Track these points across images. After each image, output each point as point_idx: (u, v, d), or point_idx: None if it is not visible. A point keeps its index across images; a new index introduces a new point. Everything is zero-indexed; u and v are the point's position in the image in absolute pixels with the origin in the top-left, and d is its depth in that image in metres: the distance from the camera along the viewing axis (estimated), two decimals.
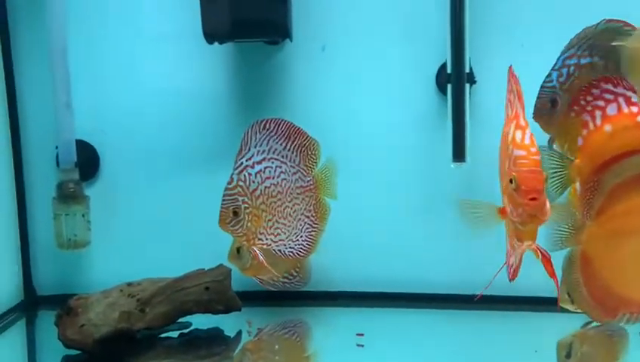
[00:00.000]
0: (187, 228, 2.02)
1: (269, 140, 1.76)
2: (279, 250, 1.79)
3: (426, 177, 1.98)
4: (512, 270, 1.36)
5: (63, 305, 1.74)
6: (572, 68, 1.58)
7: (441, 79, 1.94)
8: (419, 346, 1.80)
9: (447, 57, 1.88)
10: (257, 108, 2.01)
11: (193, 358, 1.75)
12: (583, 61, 1.57)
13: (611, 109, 1.45)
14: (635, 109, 1.45)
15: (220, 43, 1.89)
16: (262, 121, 1.75)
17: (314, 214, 1.87)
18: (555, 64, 1.62)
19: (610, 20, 1.59)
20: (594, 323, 1.67)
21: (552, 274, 1.31)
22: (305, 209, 1.85)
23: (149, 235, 2.07)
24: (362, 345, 1.73)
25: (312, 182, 1.87)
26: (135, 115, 2.05)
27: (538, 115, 1.62)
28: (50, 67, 1.96)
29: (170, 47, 2.01)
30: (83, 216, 2.02)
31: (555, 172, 1.50)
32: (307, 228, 1.85)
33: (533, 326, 1.91)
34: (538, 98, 1.62)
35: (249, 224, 1.71)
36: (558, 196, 1.50)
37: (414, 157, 2.00)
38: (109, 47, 2.04)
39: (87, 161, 2.07)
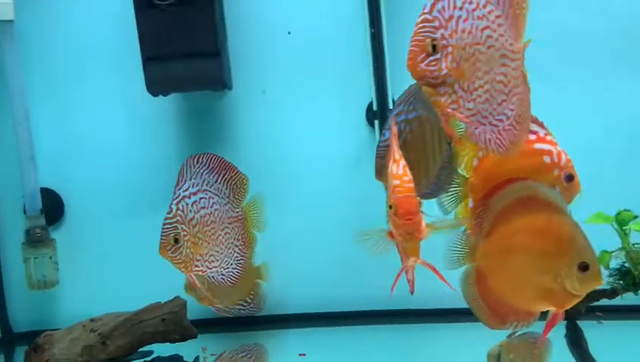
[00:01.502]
0: (146, 264, 2.14)
1: (202, 173, 1.87)
2: (212, 277, 1.87)
3: (360, 203, 2.11)
4: (411, 284, 1.47)
5: (31, 342, 1.89)
6: (402, 124, 1.62)
7: (370, 115, 2.11)
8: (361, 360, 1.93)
9: (372, 96, 2.06)
10: (205, 150, 2.08)
11: None
12: (411, 116, 1.61)
13: None
14: (532, 137, 1.57)
15: (164, 95, 2.07)
16: (196, 156, 1.87)
17: (242, 244, 1.96)
18: (386, 124, 1.67)
19: None
20: (518, 333, 1.77)
21: (443, 278, 1.44)
22: (234, 238, 1.93)
23: (112, 272, 2.23)
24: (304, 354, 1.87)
25: (241, 214, 1.96)
26: (94, 164, 2.22)
27: (379, 175, 1.64)
28: (14, 125, 2.14)
29: (122, 101, 2.19)
30: (50, 258, 2.19)
31: (452, 188, 1.65)
32: (236, 257, 1.94)
33: (462, 337, 2.03)
34: (377, 158, 1.65)
35: (187, 251, 1.80)
36: (453, 209, 1.65)
37: (350, 186, 2.14)
38: (67, 105, 2.21)
39: (53, 207, 2.23)
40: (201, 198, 1.85)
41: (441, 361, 1.90)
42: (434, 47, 1.25)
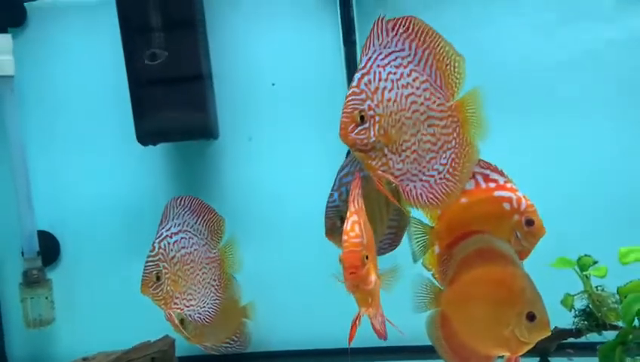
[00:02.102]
0: (136, 303, 2.13)
1: (183, 214, 1.93)
2: (189, 315, 1.91)
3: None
4: (378, 332, 1.52)
5: None
6: (349, 185, 1.64)
7: None
8: None
9: None
10: (193, 194, 2.16)
11: None
12: (345, 181, 1.66)
13: (469, 185, 1.67)
14: (492, 185, 1.68)
15: (154, 145, 2.19)
16: (179, 198, 1.94)
17: (218, 284, 2.00)
18: (334, 185, 1.70)
19: None
20: None
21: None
22: (211, 278, 1.98)
23: (105, 310, 2.34)
24: None
25: (217, 255, 2.02)
26: (89, 208, 2.34)
27: (330, 234, 1.70)
28: (12, 173, 2.26)
29: (114, 150, 2.30)
30: (46, 297, 2.29)
31: (418, 236, 1.74)
32: (212, 297, 1.97)
33: None
34: (326, 218, 1.70)
35: (168, 288, 1.85)
36: (422, 256, 1.73)
37: None
38: (63, 154, 2.34)
39: (49, 248, 2.35)
40: (181, 238, 1.91)
41: None
42: (362, 117, 1.38)
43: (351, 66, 2.15)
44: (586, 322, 1.91)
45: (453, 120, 1.50)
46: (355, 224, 1.39)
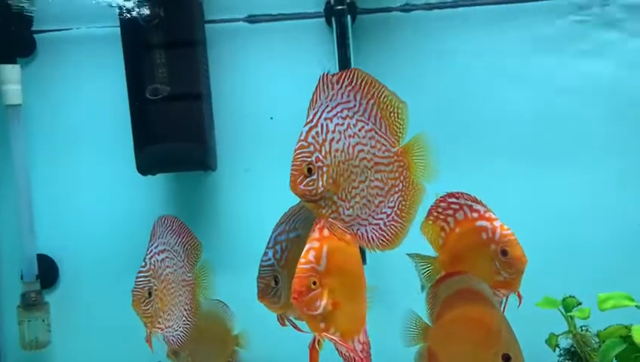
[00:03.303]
0: (132, 329, 2.14)
1: (166, 234, 1.93)
2: (165, 336, 1.87)
3: None
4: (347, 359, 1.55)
5: None
6: (284, 243, 1.69)
7: None
8: None
9: None
10: (190, 224, 2.19)
11: None
12: (292, 235, 1.70)
13: (459, 215, 1.76)
14: (475, 215, 1.75)
15: (153, 175, 2.25)
16: (163, 217, 1.94)
17: (190, 308, 1.97)
18: (269, 242, 1.72)
19: None
20: None
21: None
22: (185, 302, 1.95)
23: (101, 334, 2.37)
24: None
25: (192, 279, 2.00)
26: (89, 234, 2.39)
27: (262, 295, 1.69)
28: (16, 199, 2.33)
29: (114, 179, 2.36)
30: (43, 320, 2.34)
31: (425, 267, 1.82)
32: (184, 321, 1.94)
33: None
34: (260, 279, 1.69)
35: (156, 306, 1.81)
36: (429, 285, 1.79)
37: None
38: (65, 181, 2.40)
39: (48, 272, 2.40)
40: (166, 257, 1.90)
41: None
42: (309, 169, 1.45)
43: None
44: (570, 361, 1.96)
45: (399, 164, 1.57)
46: (310, 250, 1.44)
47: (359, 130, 1.51)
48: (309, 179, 1.44)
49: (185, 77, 2.16)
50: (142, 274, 1.82)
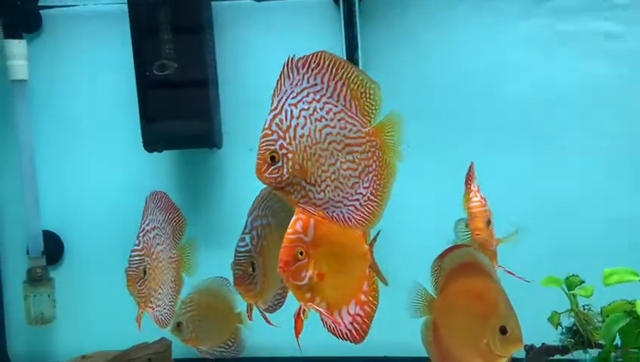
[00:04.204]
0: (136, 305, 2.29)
1: (156, 211, 1.90)
2: (154, 315, 1.82)
3: None
4: (343, 334, 1.57)
5: None
6: (259, 229, 1.67)
7: None
8: None
9: None
10: (194, 201, 2.34)
11: None
12: (266, 221, 1.69)
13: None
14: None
15: (159, 152, 2.26)
16: (155, 193, 1.91)
17: (174, 286, 1.94)
18: (245, 227, 1.68)
19: None
20: None
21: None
22: (170, 280, 1.92)
23: (104, 310, 2.39)
24: None
25: (177, 256, 1.97)
26: (93, 210, 2.41)
27: (239, 283, 1.66)
28: (21, 175, 2.33)
29: (120, 155, 2.37)
30: (49, 296, 2.36)
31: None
32: (169, 298, 1.92)
33: None
34: (237, 265, 1.66)
35: (150, 285, 1.78)
36: None
37: None
38: (70, 157, 2.41)
39: (53, 248, 2.42)
40: (157, 234, 1.86)
41: None
42: (272, 157, 1.43)
43: None
44: (572, 340, 1.97)
45: (371, 144, 1.56)
46: (297, 221, 1.45)
47: (327, 113, 1.50)
48: (273, 167, 1.43)
49: (191, 55, 2.16)
50: (136, 253, 1.77)
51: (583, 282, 1.89)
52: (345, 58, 2.21)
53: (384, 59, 2.29)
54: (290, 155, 1.43)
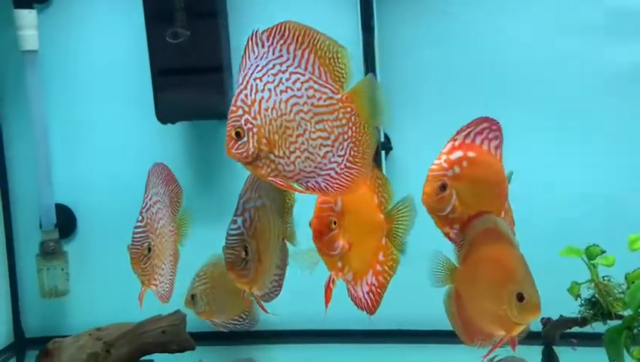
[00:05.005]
0: None
1: (157, 183, 1.86)
2: (156, 291, 1.79)
3: None
4: (361, 302, 1.59)
5: (42, 348, 2.04)
6: (252, 211, 1.67)
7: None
8: None
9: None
10: (207, 173, 2.32)
11: None
12: (259, 203, 1.68)
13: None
14: None
15: (173, 123, 2.24)
16: (156, 164, 1.87)
17: (172, 260, 1.90)
18: (237, 209, 1.67)
19: None
20: (497, 357, 1.86)
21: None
22: (169, 254, 1.88)
23: (118, 284, 2.30)
24: None
25: (175, 228, 1.93)
26: (106, 183, 2.39)
27: (232, 267, 1.64)
28: (34, 146, 2.33)
29: (133, 127, 2.35)
30: (62, 269, 2.35)
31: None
32: (169, 272, 1.89)
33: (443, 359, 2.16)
34: (229, 248, 1.63)
35: (154, 262, 1.73)
36: None
37: None
38: (83, 129, 2.39)
39: (66, 222, 2.41)
40: (158, 209, 1.80)
41: None
42: (237, 133, 1.44)
43: (368, 53, 2.19)
44: (591, 311, 1.95)
45: (345, 111, 1.53)
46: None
47: (293, 84, 1.48)
48: (239, 143, 1.44)
49: (205, 23, 2.14)
50: (139, 230, 1.71)
51: (604, 252, 1.87)
52: (361, 37, 2.22)
53: (400, 33, 2.24)
54: (255, 130, 1.43)
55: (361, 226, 1.60)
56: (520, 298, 1.54)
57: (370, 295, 1.60)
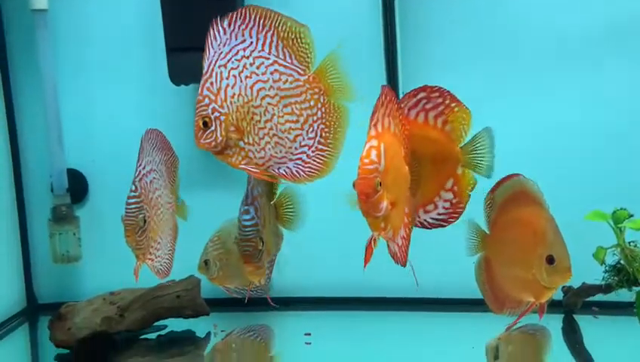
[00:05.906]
0: None
1: (152, 151, 1.75)
2: (153, 266, 1.69)
3: None
4: (397, 256, 1.51)
5: (55, 311, 2.04)
6: (259, 199, 1.61)
7: None
8: (365, 346, 2.01)
9: None
10: None
11: (168, 356, 2.01)
12: (259, 190, 1.63)
13: None
14: None
15: (186, 85, 2.18)
16: (149, 131, 1.76)
17: (171, 234, 1.80)
18: (246, 197, 1.61)
19: None
20: (517, 325, 1.82)
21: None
22: (169, 227, 1.77)
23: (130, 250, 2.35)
24: (310, 343, 1.97)
25: (173, 201, 1.83)
26: (118, 147, 2.32)
27: (249, 261, 1.60)
28: (44, 110, 2.28)
29: (145, 90, 2.30)
30: (74, 234, 2.32)
31: None
32: (168, 248, 1.78)
33: (465, 327, 2.10)
34: (246, 241, 1.58)
35: (149, 235, 1.64)
36: None
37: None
38: (94, 92, 2.34)
39: (78, 187, 2.37)
40: (153, 178, 1.70)
41: (442, 350, 1.96)
42: (205, 123, 1.42)
43: (388, 30, 2.13)
44: (616, 278, 1.90)
45: (313, 92, 1.51)
46: (371, 149, 1.37)
47: (258, 68, 1.47)
48: (207, 132, 1.43)
49: None
50: (133, 200, 1.61)
51: (632, 216, 1.82)
52: (381, 17, 2.14)
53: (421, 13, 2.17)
54: (222, 118, 1.42)
55: (399, 181, 1.49)
56: (550, 260, 1.50)
57: (402, 248, 1.53)
